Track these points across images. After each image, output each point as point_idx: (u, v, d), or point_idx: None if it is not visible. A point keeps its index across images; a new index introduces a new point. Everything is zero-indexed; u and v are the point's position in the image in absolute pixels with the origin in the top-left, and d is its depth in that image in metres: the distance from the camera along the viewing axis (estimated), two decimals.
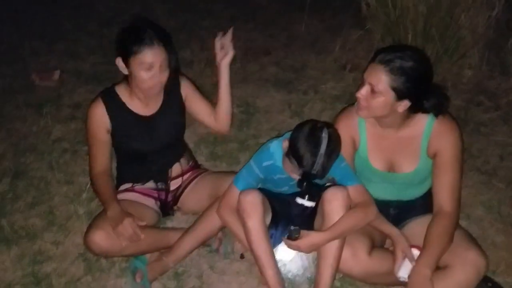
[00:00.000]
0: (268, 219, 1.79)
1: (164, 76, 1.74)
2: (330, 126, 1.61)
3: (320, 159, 1.51)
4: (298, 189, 1.63)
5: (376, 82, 1.54)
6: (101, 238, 1.68)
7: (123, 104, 1.84)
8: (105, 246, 1.69)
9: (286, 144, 1.61)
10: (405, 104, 1.57)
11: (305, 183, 1.55)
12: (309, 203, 1.66)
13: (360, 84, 1.62)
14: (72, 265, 1.91)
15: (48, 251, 1.98)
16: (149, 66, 1.69)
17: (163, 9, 4.29)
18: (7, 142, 2.63)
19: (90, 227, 1.74)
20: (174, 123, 1.93)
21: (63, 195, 2.26)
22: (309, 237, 1.63)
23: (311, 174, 1.53)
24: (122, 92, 1.84)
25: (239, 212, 1.69)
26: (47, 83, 3.16)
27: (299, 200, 1.64)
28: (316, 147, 1.52)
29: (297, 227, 1.64)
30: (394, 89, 1.53)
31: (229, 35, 1.82)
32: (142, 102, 1.85)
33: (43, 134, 2.68)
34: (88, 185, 2.17)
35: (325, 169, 1.54)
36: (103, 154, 1.86)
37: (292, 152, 1.56)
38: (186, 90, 1.94)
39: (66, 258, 1.94)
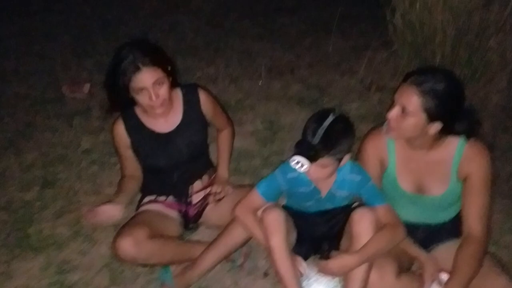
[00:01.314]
0: (293, 238, 1.78)
1: (163, 91, 1.79)
2: (345, 116, 1.62)
3: (321, 131, 1.52)
4: (318, 196, 1.64)
5: (407, 103, 1.54)
6: (129, 244, 1.70)
7: (141, 122, 1.91)
8: (132, 253, 1.71)
9: None
10: (436, 126, 1.57)
11: (302, 145, 1.54)
12: (305, 161, 1.55)
13: (390, 105, 1.62)
14: (98, 275, 1.93)
15: (74, 260, 2.00)
16: (141, 89, 1.75)
17: (190, 26, 4.39)
18: (37, 152, 2.70)
19: (118, 233, 1.76)
20: (192, 141, 1.95)
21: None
22: (341, 259, 1.62)
23: (311, 144, 1.53)
24: (139, 111, 1.91)
25: (262, 230, 1.69)
26: (77, 95, 3.24)
27: (296, 158, 1.55)
28: (321, 120, 1.54)
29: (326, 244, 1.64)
30: (426, 110, 1.53)
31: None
32: (158, 120, 1.90)
33: (72, 145, 2.74)
34: None
35: (326, 144, 1.52)
36: (129, 164, 1.96)
37: (303, 130, 1.59)
38: (207, 106, 1.98)
39: (92, 268, 1.97)
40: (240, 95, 3.27)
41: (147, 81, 1.74)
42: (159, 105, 1.79)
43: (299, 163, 1.54)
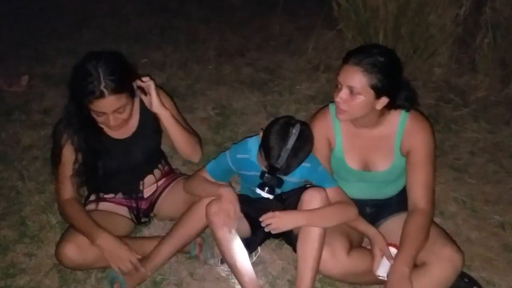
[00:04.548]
0: (242, 224, 1.76)
1: (124, 115, 1.71)
2: (304, 125, 1.63)
3: (285, 154, 1.54)
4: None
5: (354, 83, 1.56)
6: (72, 252, 1.66)
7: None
8: (77, 260, 1.67)
9: (261, 135, 1.65)
10: (383, 101, 1.60)
11: (266, 175, 1.58)
12: (267, 195, 1.62)
13: (335, 88, 1.62)
14: (46, 277, 1.86)
15: (21, 263, 1.92)
16: (102, 114, 1.66)
17: (132, 9, 4.24)
18: None
19: (61, 241, 1.71)
20: (147, 146, 1.89)
21: (35, 204, 2.19)
22: (290, 212, 1.64)
23: (274, 167, 1.56)
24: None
25: (208, 223, 1.69)
26: (15, 88, 3.09)
27: (258, 191, 1.62)
28: (283, 141, 1.55)
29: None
30: (372, 87, 1.55)
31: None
32: None
33: (12, 141, 2.61)
34: None
35: (289, 165, 1.57)
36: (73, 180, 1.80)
37: (262, 143, 1.60)
38: None
39: (40, 270, 1.89)
40: (190, 80, 3.20)
41: (109, 108, 1.64)
42: (115, 127, 1.72)
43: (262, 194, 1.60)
